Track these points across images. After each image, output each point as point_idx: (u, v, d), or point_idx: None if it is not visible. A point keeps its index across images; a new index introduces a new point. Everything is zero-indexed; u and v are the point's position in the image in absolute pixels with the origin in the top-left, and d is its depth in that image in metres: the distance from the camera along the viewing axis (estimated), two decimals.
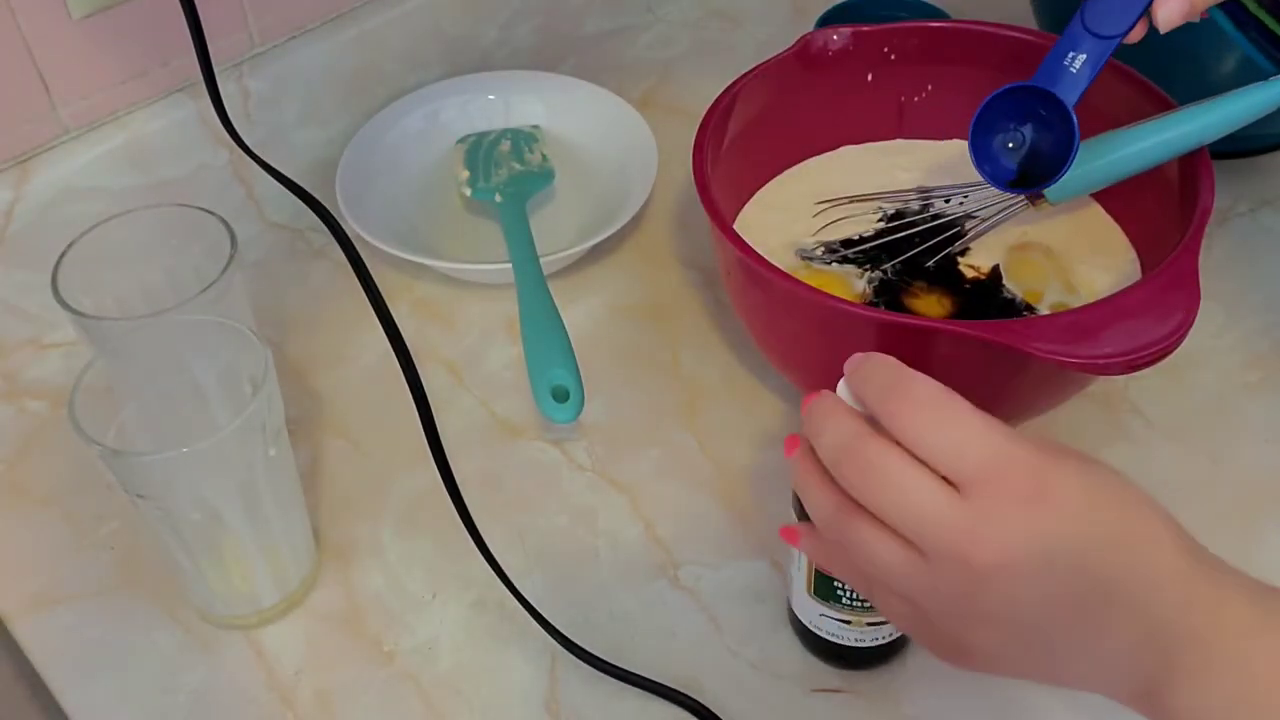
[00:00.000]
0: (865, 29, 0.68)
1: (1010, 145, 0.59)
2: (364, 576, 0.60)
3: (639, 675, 0.54)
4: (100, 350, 0.55)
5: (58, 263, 0.58)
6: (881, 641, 0.53)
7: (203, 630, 0.58)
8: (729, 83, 0.66)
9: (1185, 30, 0.55)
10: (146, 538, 0.57)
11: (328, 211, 0.55)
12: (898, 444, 0.41)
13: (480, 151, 0.79)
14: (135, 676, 0.56)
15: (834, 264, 0.65)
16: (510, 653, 0.56)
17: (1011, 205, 0.64)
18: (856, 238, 0.66)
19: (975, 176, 0.59)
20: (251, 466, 0.52)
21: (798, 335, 0.60)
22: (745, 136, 0.66)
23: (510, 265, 0.70)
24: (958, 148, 0.71)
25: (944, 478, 0.40)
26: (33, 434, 0.67)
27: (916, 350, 0.56)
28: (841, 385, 0.44)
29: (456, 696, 0.55)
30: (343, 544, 0.61)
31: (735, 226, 0.61)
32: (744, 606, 0.58)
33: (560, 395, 0.63)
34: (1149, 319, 0.52)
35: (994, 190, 0.64)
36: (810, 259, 0.65)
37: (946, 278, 0.64)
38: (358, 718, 0.54)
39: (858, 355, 0.44)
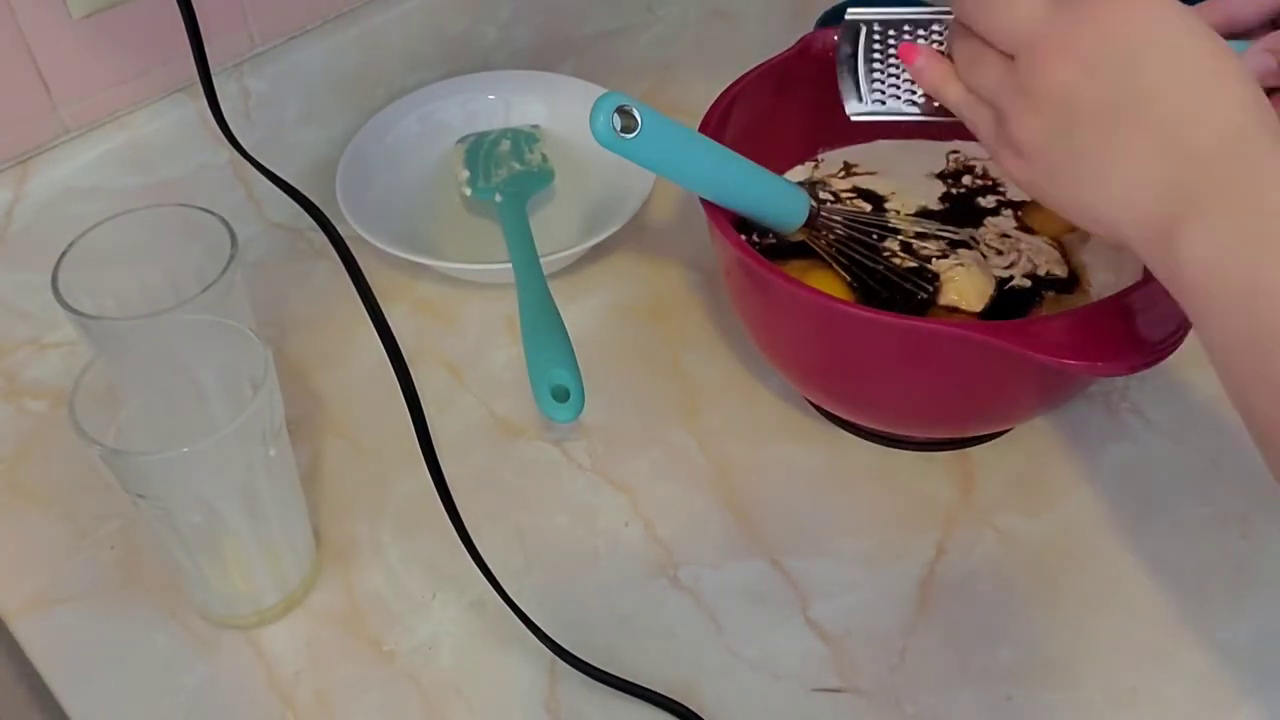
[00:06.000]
0: None
1: None
2: (364, 576, 0.60)
3: (632, 683, 0.54)
4: (100, 350, 0.55)
5: (58, 262, 0.58)
6: None
7: (203, 630, 0.58)
8: (729, 83, 0.66)
9: None
10: (146, 538, 0.57)
11: (321, 212, 0.55)
12: None
13: (480, 151, 0.79)
14: (135, 676, 0.56)
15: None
16: (510, 653, 0.56)
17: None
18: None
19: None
20: (251, 466, 0.52)
21: (797, 335, 0.60)
22: (745, 137, 0.66)
23: (510, 265, 0.70)
24: (958, 149, 0.71)
25: None
26: (32, 434, 0.67)
27: (916, 350, 0.56)
28: None
29: (456, 696, 0.55)
30: (343, 544, 0.61)
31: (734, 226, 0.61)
32: (744, 606, 0.58)
33: (560, 395, 0.63)
34: (1150, 319, 0.52)
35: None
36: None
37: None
38: (357, 718, 0.54)
39: None
